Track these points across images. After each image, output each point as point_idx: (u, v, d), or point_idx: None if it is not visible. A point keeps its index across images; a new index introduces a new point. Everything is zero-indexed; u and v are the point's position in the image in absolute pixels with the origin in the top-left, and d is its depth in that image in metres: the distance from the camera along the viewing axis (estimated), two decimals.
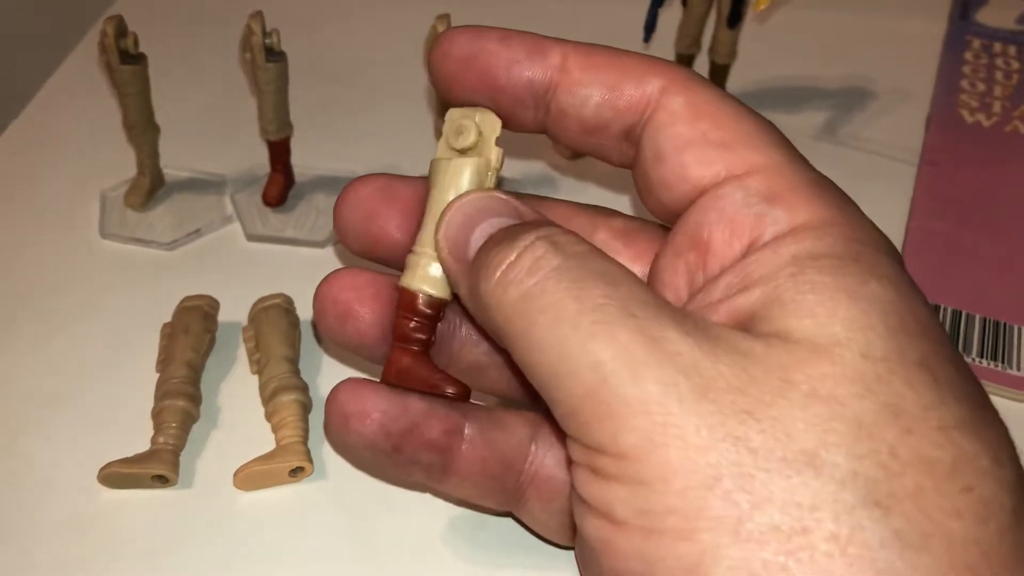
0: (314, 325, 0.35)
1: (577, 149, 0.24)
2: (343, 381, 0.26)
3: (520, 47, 0.23)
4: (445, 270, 0.23)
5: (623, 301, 0.18)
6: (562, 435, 0.19)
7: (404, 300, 0.25)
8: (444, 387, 0.25)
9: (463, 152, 0.24)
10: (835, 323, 0.17)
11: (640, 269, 0.25)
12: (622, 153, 0.23)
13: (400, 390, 0.25)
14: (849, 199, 0.21)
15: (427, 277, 0.24)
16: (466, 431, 0.26)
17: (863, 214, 0.21)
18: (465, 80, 0.23)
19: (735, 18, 0.44)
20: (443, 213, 0.23)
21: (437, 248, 0.23)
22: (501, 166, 0.25)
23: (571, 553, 0.29)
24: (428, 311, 0.25)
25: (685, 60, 0.47)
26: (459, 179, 0.24)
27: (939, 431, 0.17)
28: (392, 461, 0.25)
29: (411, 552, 0.29)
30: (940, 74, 0.51)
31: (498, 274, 0.20)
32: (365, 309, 0.26)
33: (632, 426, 0.17)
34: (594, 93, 0.22)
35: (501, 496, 0.27)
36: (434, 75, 0.24)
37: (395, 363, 0.25)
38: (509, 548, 0.30)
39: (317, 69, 0.51)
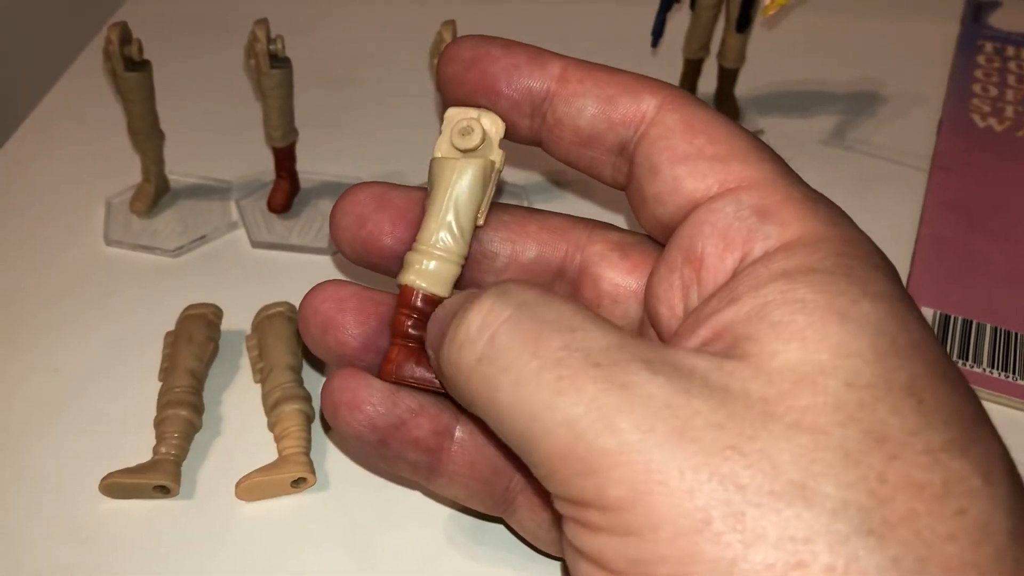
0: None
1: (570, 162, 0.24)
2: (341, 369, 0.26)
3: (522, 55, 0.23)
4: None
5: (584, 350, 0.18)
6: (543, 492, 0.19)
7: (403, 297, 0.25)
8: (437, 384, 0.25)
9: (467, 152, 0.24)
10: (823, 350, 0.17)
11: (636, 282, 0.25)
12: (615, 169, 0.23)
13: (393, 386, 0.25)
14: (843, 213, 0.21)
15: (426, 273, 0.24)
16: (457, 433, 0.26)
17: (857, 228, 0.20)
18: (467, 81, 0.24)
19: (744, 22, 0.44)
20: (430, 324, 0.23)
21: (431, 358, 0.23)
22: (503, 168, 0.25)
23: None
24: (427, 308, 0.25)
25: (693, 65, 0.47)
26: (463, 180, 0.24)
27: (926, 454, 0.16)
28: (379, 454, 0.25)
29: (412, 563, 0.29)
30: (952, 78, 0.51)
31: (452, 337, 0.19)
32: (348, 320, 0.26)
33: (615, 478, 0.17)
34: (590, 104, 0.23)
35: (490, 501, 0.27)
36: (439, 77, 0.24)
37: (391, 359, 0.25)
38: (508, 561, 0.29)
39: (321, 74, 0.50)
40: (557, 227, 0.26)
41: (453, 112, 0.25)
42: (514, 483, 0.26)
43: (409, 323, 0.25)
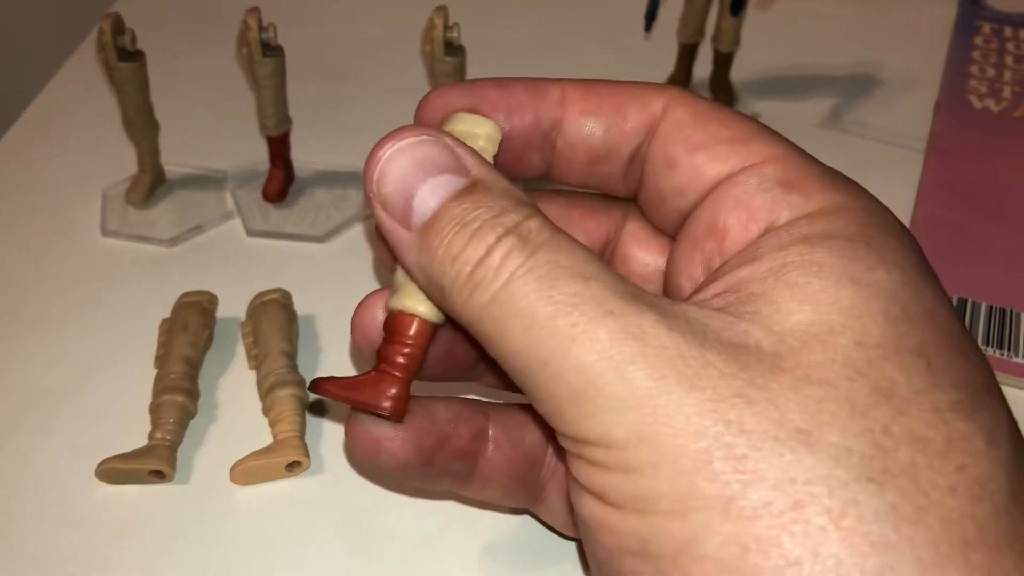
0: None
1: (582, 184, 0.24)
2: (355, 416, 0.24)
3: (519, 91, 0.23)
4: (381, 230, 0.21)
5: (598, 297, 0.18)
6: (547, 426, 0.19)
7: (395, 325, 0.22)
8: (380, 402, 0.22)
9: None
10: (834, 312, 0.17)
11: (665, 262, 0.24)
12: (628, 178, 0.23)
13: (427, 401, 0.24)
14: (862, 188, 0.21)
15: (422, 298, 0.22)
16: (490, 432, 0.25)
17: (879, 202, 0.21)
18: None
19: (738, 5, 0.44)
20: (372, 156, 0.21)
21: (370, 203, 0.21)
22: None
23: (568, 547, 0.29)
24: (422, 339, 0.22)
25: (689, 49, 0.47)
26: None
27: (931, 412, 0.17)
28: (423, 474, 0.25)
29: (407, 546, 0.29)
30: (949, 59, 0.50)
31: (463, 276, 0.19)
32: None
33: (622, 420, 0.17)
34: (600, 120, 0.23)
35: (523, 494, 0.26)
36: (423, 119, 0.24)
37: (400, 397, 0.22)
38: (505, 543, 0.29)
39: (315, 63, 0.50)
40: (597, 210, 0.26)
41: (464, 118, 0.23)
42: (545, 471, 0.26)
43: (402, 352, 0.22)
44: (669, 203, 0.22)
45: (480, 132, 0.22)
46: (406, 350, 0.22)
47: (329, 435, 0.33)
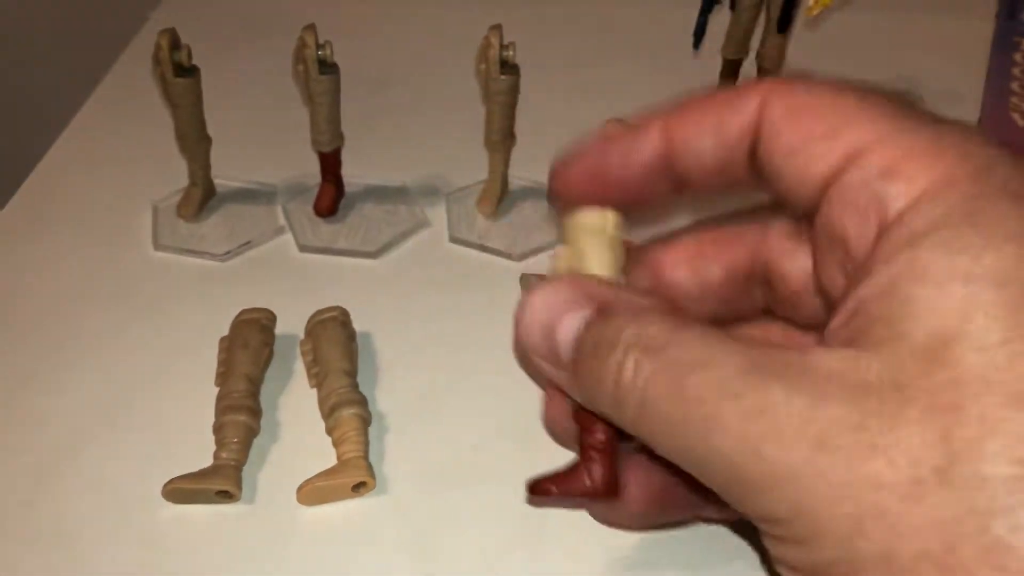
0: None
1: (722, 193, 0.24)
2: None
3: (622, 139, 0.23)
4: (544, 373, 0.22)
5: (719, 382, 0.18)
6: None
7: (583, 415, 0.23)
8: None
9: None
10: (948, 320, 0.17)
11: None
12: (750, 175, 0.23)
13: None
14: (973, 137, 0.19)
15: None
16: None
17: (992, 148, 0.19)
18: (587, 191, 0.24)
19: (785, 23, 0.44)
20: (518, 315, 0.22)
21: (521, 352, 0.23)
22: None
23: (634, 566, 0.29)
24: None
25: (732, 65, 0.47)
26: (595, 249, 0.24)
27: None
28: (667, 514, 0.26)
29: (474, 566, 0.29)
30: (989, 76, 0.50)
31: (610, 398, 0.20)
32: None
33: (775, 498, 0.18)
34: (705, 138, 0.22)
35: None
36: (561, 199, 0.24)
37: (610, 479, 0.23)
38: (571, 565, 0.30)
39: (365, 77, 0.51)
40: (730, 237, 0.25)
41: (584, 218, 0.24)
42: None
43: (600, 435, 0.23)
44: (794, 209, 0.22)
45: (606, 223, 0.24)
46: (601, 435, 0.23)
47: (393, 455, 0.33)
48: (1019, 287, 0.17)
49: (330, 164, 0.41)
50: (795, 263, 0.24)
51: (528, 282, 0.39)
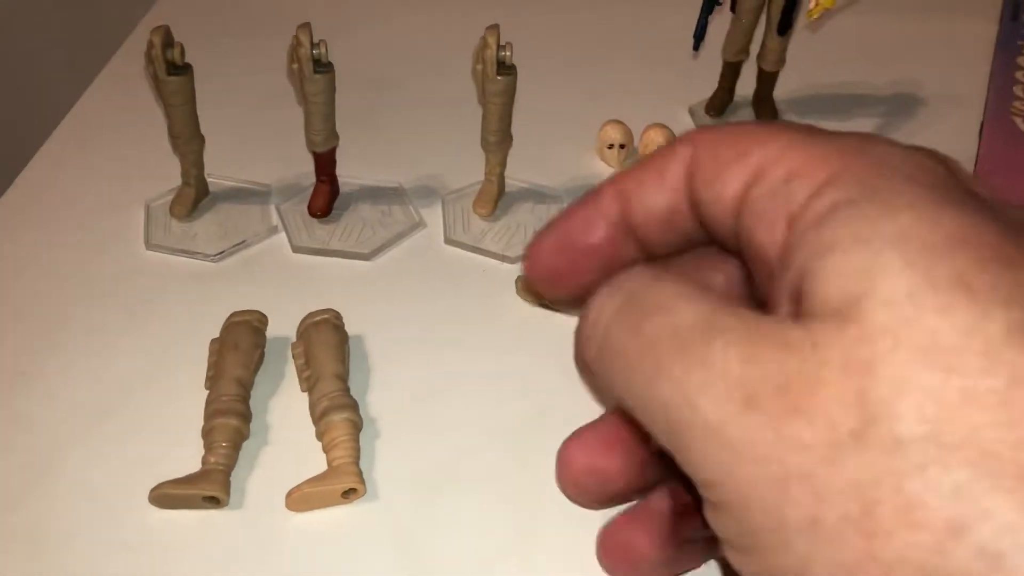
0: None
1: (682, 248, 0.24)
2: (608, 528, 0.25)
3: (581, 208, 0.23)
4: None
5: (673, 330, 0.19)
6: None
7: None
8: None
9: None
10: (852, 283, 0.17)
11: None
12: (695, 222, 0.24)
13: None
14: (874, 137, 0.20)
15: None
16: None
17: (893, 143, 0.20)
18: (564, 273, 0.24)
19: (785, 25, 0.44)
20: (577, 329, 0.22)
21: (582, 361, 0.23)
22: None
23: None
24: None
25: (732, 68, 0.46)
26: None
27: (983, 356, 0.16)
28: (683, 549, 0.25)
29: (463, 572, 0.29)
30: (992, 79, 0.50)
31: (578, 334, 0.20)
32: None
33: (703, 456, 0.18)
34: (653, 193, 0.23)
35: None
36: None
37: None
38: (561, 571, 0.29)
39: (360, 76, 0.50)
40: (715, 256, 0.26)
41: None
42: None
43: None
44: (725, 243, 0.23)
45: None
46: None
47: (383, 461, 0.32)
48: (919, 243, 0.17)
49: (325, 164, 0.41)
50: None
51: (523, 286, 0.38)
